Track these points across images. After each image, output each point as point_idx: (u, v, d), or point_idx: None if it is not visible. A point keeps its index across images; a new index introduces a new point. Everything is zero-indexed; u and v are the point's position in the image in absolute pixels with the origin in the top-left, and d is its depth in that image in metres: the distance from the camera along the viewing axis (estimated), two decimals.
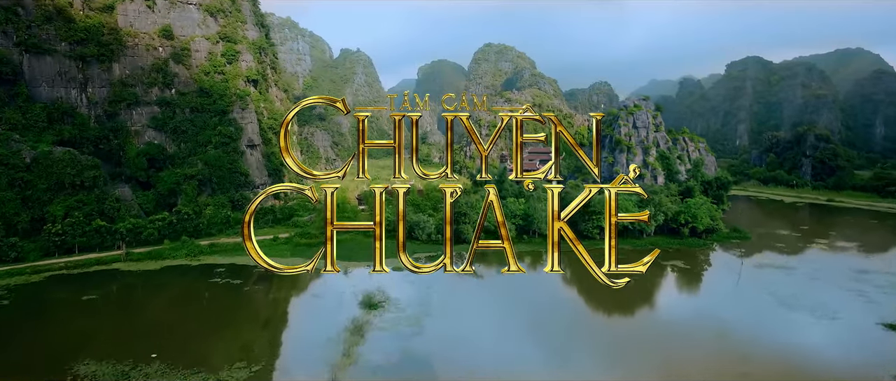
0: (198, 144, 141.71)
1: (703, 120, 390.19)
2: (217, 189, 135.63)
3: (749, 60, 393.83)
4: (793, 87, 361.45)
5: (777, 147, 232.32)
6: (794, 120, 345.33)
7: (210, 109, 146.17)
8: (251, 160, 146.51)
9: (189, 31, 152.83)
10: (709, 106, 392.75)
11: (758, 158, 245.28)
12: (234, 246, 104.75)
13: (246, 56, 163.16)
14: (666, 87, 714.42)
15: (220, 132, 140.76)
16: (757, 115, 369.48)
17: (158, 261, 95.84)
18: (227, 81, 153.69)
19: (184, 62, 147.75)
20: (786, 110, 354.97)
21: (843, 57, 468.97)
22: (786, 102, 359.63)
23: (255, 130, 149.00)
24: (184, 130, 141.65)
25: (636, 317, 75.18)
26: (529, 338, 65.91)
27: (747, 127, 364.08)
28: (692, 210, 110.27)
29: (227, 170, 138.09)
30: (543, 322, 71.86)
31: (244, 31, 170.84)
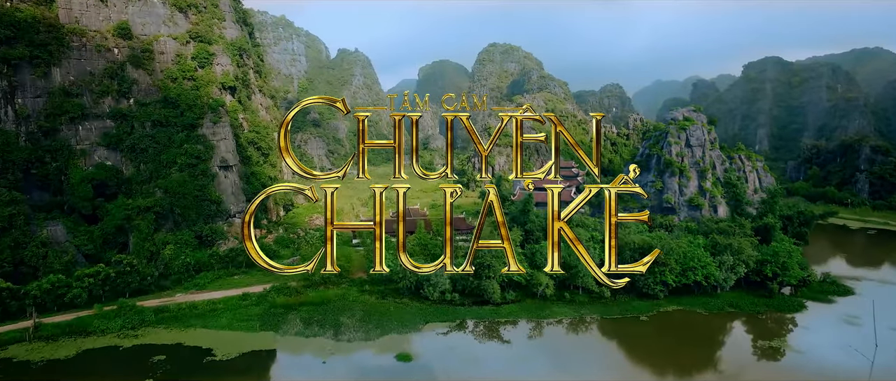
0: (160, 165, 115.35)
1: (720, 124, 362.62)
2: (181, 222, 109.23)
3: (768, 61, 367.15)
4: (816, 89, 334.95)
5: (818, 158, 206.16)
6: (819, 125, 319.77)
7: (176, 123, 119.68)
8: (225, 184, 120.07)
9: (152, 29, 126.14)
10: (725, 109, 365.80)
11: (795, 170, 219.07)
12: (189, 311, 78.39)
13: (222, 59, 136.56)
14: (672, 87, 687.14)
15: (187, 151, 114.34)
16: (777, 119, 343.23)
17: (79, 340, 69.34)
18: (199, 89, 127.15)
19: (144, 66, 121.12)
20: (810, 114, 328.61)
21: (861, 57, 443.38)
22: (810, 105, 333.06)
23: (229, 148, 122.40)
24: (143, 149, 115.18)
25: None
26: None
27: (767, 132, 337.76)
28: (780, 258, 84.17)
29: (194, 198, 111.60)
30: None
31: (221, 30, 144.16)
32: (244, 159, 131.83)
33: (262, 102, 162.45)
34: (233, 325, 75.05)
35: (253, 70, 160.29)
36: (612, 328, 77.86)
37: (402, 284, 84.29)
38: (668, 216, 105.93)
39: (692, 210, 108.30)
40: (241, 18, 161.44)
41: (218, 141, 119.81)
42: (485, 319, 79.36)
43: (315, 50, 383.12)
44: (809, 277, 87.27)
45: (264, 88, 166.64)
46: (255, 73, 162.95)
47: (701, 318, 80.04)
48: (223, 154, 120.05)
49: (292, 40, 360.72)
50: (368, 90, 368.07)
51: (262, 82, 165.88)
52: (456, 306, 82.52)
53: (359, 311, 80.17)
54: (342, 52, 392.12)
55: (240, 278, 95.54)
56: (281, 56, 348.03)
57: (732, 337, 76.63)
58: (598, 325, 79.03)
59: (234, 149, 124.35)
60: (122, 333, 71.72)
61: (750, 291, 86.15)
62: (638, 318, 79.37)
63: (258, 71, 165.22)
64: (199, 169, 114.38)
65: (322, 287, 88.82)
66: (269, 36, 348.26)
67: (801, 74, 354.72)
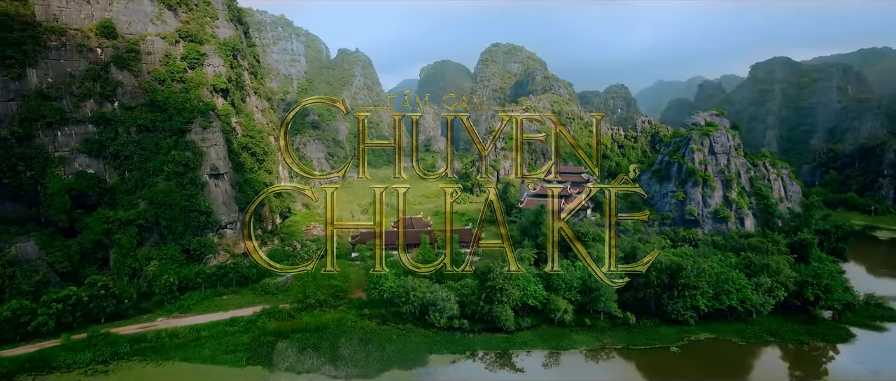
0: (146, 173, 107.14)
1: None
2: (167, 235, 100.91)
3: (776, 61, 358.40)
4: (826, 90, 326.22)
5: (835, 162, 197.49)
6: (830, 126, 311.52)
7: (163, 128, 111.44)
8: (215, 193, 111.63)
9: (138, 27, 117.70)
10: (733, 110, 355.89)
11: (810, 174, 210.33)
12: (169, 340, 69.98)
13: (214, 59, 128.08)
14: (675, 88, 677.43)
15: (174, 158, 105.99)
16: (786, 120, 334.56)
17: (38, 378, 61.04)
18: (188, 92, 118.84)
19: (130, 67, 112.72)
20: (820, 115, 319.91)
21: (868, 57, 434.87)
22: (820, 106, 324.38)
23: (220, 154, 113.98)
24: (128, 156, 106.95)
25: None
26: None
27: (776, 133, 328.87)
28: (823, 280, 75.66)
29: (181, 209, 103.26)
30: None
31: (213, 29, 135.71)
32: (237, 166, 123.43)
33: (258, 105, 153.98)
34: (217, 357, 66.71)
35: (248, 71, 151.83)
36: (637, 359, 69.53)
37: (405, 308, 75.72)
38: (692, 230, 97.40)
39: (717, 223, 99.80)
40: (236, 17, 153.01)
41: (208, 147, 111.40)
42: (497, 348, 71.05)
43: (315, 50, 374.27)
44: (854, 300, 78.82)
45: (260, 90, 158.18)
46: (251, 74, 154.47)
47: (737, 348, 71.68)
48: (214, 161, 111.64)
49: (292, 40, 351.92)
50: (369, 91, 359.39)
51: (257, 84, 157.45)
52: (465, 333, 74.17)
53: (357, 339, 71.79)
54: (342, 53, 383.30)
55: (228, 298, 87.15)
56: (280, 56, 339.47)
57: (773, 370, 68.26)
58: (622, 355, 70.69)
59: (225, 155, 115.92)
60: (91, 368, 63.41)
61: (788, 316, 77.71)
62: (667, 348, 70.99)
63: (253, 72, 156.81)
64: (187, 178, 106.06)
65: (318, 310, 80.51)
66: (268, 36, 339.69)
67: (809, 75, 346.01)
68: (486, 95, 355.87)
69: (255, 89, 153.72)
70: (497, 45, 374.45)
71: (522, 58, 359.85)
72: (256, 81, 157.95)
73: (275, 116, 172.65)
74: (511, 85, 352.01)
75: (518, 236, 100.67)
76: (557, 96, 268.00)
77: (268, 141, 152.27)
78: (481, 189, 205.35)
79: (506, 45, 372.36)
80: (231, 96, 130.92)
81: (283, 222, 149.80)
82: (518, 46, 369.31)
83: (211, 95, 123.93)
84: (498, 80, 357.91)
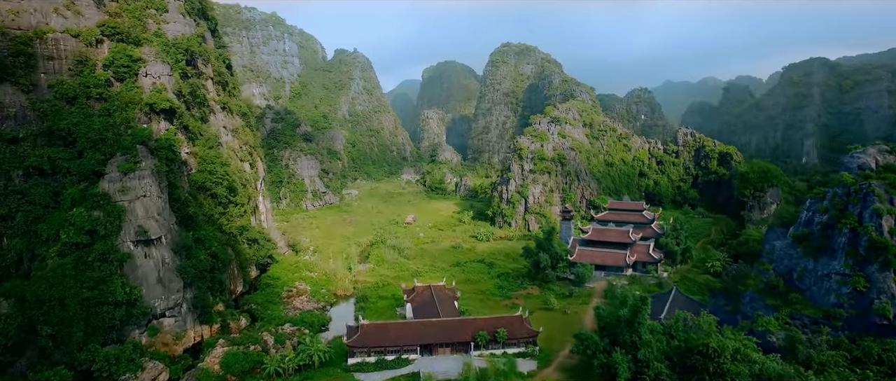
0: (37, 241, 68.61)
1: (759, 133, 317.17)
2: (53, 349, 62.21)
3: (814, 62, 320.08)
4: (874, 94, 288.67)
5: None
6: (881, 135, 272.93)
7: (69, 171, 73.01)
8: (145, 268, 72.64)
9: (34, 18, 78.76)
10: (765, 116, 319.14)
11: None
12: None
13: (156, 67, 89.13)
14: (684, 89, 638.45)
15: (74, 222, 67.25)
16: (827, 128, 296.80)
17: None
18: (112, 115, 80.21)
19: (18, 79, 74.04)
20: (868, 123, 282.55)
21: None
22: (867, 111, 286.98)
23: (152, 210, 74.90)
24: (6, 215, 68.36)
25: None
26: None
27: (815, 142, 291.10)
28: None
29: (81, 303, 64.58)
30: None
31: (158, 24, 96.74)
32: (185, 219, 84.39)
33: (227, 124, 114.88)
34: None
35: (213, 81, 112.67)
36: None
37: None
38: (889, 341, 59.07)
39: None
40: (197, 9, 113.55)
41: (131, 202, 72.42)
42: None
43: (310, 50, 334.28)
44: None
45: (230, 105, 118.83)
46: (218, 85, 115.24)
47: None
48: (141, 221, 72.61)
49: (284, 40, 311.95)
50: (369, 95, 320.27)
51: (226, 97, 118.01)
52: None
53: None
54: (339, 53, 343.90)
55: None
56: (271, 57, 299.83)
57: None
58: None
59: (162, 208, 76.91)
60: None
61: None
62: None
63: (222, 82, 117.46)
64: (93, 251, 67.21)
65: None
66: (258, 35, 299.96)
67: (852, 77, 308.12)
68: (498, 98, 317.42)
69: (222, 104, 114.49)
70: (508, 45, 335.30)
71: (536, 59, 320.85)
72: (225, 93, 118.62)
73: (253, 135, 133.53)
74: (524, 88, 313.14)
75: (594, 340, 63.18)
76: (582, 103, 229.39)
77: (241, 170, 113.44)
78: (506, 219, 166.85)
79: (518, 45, 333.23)
80: (181, 118, 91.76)
81: (261, 277, 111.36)
82: (531, 46, 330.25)
83: (148, 119, 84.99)
84: (509, 82, 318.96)
